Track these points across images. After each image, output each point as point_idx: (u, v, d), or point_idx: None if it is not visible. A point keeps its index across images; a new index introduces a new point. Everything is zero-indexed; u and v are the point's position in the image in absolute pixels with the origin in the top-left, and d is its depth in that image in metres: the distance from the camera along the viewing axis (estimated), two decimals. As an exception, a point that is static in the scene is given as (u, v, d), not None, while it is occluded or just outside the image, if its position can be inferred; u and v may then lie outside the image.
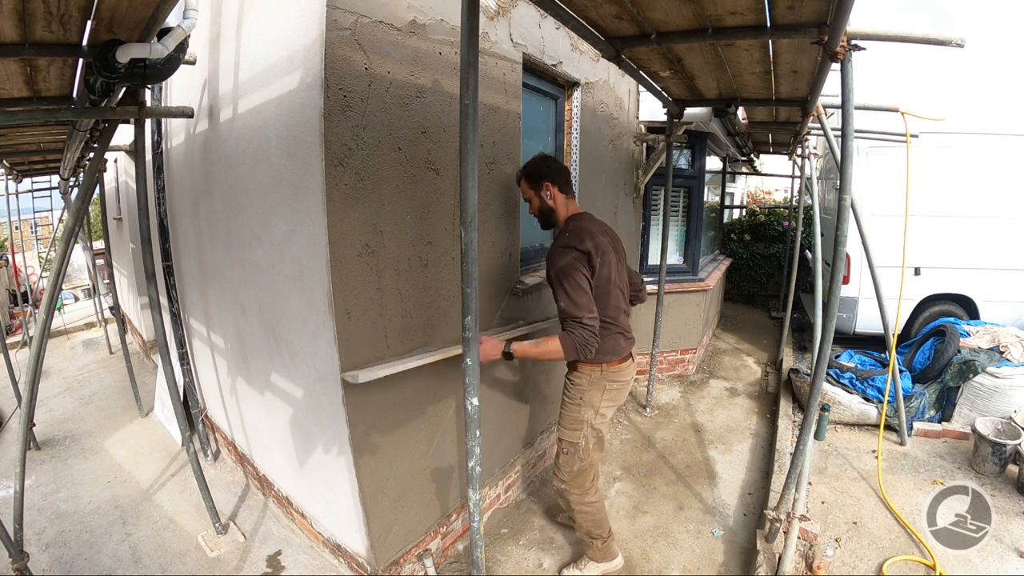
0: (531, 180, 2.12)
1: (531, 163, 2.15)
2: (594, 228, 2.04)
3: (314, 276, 1.82)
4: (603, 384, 2.05)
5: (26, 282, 7.73)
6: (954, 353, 3.53)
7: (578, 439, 2.09)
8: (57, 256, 2.16)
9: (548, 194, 2.10)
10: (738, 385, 4.60)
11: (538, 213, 2.16)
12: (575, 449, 2.11)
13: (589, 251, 1.92)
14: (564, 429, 2.13)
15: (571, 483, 2.16)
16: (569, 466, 2.13)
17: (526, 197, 2.18)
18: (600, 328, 1.91)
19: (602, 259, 1.96)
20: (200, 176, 2.74)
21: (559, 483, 2.20)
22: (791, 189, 7.82)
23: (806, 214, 6.56)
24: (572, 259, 1.90)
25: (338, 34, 1.59)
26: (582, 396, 2.06)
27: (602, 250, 1.97)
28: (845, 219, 1.93)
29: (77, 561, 2.42)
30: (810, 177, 5.10)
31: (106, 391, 4.65)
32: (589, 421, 2.07)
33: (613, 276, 2.03)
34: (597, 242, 1.97)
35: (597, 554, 2.27)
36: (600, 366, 2.04)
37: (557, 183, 2.10)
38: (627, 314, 2.17)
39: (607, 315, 2.00)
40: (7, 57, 1.47)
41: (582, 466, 2.13)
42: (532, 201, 2.15)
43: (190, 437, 2.53)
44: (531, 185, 2.12)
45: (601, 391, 2.06)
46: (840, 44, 1.55)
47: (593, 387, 2.05)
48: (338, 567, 2.32)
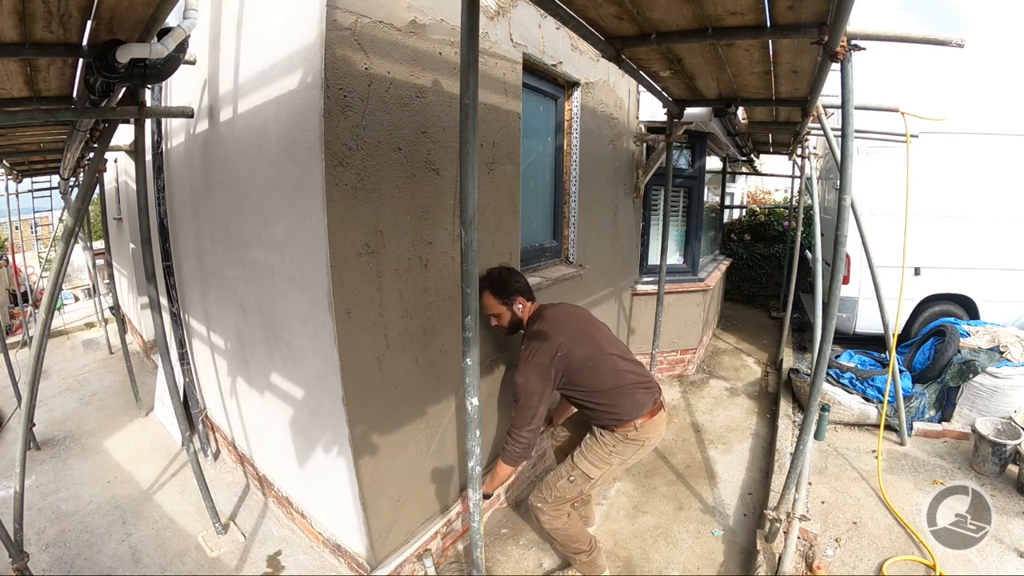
0: (502, 295, 2.13)
1: (497, 278, 2.15)
2: (556, 319, 2.09)
3: (314, 276, 1.82)
4: (640, 441, 2.00)
5: (26, 282, 7.73)
6: (954, 353, 3.53)
7: (596, 475, 2.02)
8: (57, 256, 2.16)
9: (519, 308, 2.15)
10: (738, 385, 4.60)
11: (507, 325, 2.19)
12: (583, 481, 2.02)
13: (556, 350, 1.99)
14: (584, 460, 2.03)
15: (550, 506, 2.07)
16: (564, 492, 2.04)
17: (492, 311, 2.16)
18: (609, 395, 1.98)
19: (572, 346, 2.01)
20: (200, 176, 2.74)
21: (538, 501, 2.09)
22: (791, 189, 7.81)
23: (806, 214, 6.56)
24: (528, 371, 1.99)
25: (338, 34, 1.59)
26: (614, 446, 2.00)
27: (571, 338, 2.04)
28: (845, 219, 1.93)
29: (77, 561, 2.42)
30: (810, 177, 5.10)
31: (106, 391, 4.64)
32: (614, 465, 2.03)
33: (596, 349, 2.05)
34: (565, 336, 2.04)
35: (583, 567, 2.19)
36: (632, 424, 1.97)
37: (525, 294, 2.17)
38: (636, 364, 2.13)
39: (606, 385, 2.00)
40: (7, 57, 1.47)
41: (572, 498, 2.07)
42: (502, 315, 2.16)
43: (190, 437, 2.53)
44: (502, 301, 2.13)
45: (637, 447, 2.01)
46: (840, 44, 1.55)
47: (628, 445, 2.00)
48: (338, 567, 2.32)
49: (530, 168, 2.89)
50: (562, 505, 2.08)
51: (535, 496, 2.12)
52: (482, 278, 2.13)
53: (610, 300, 4.00)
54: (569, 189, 3.27)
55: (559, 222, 3.28)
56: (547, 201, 3.20)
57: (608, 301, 3.94)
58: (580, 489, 2.04)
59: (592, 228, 3.52)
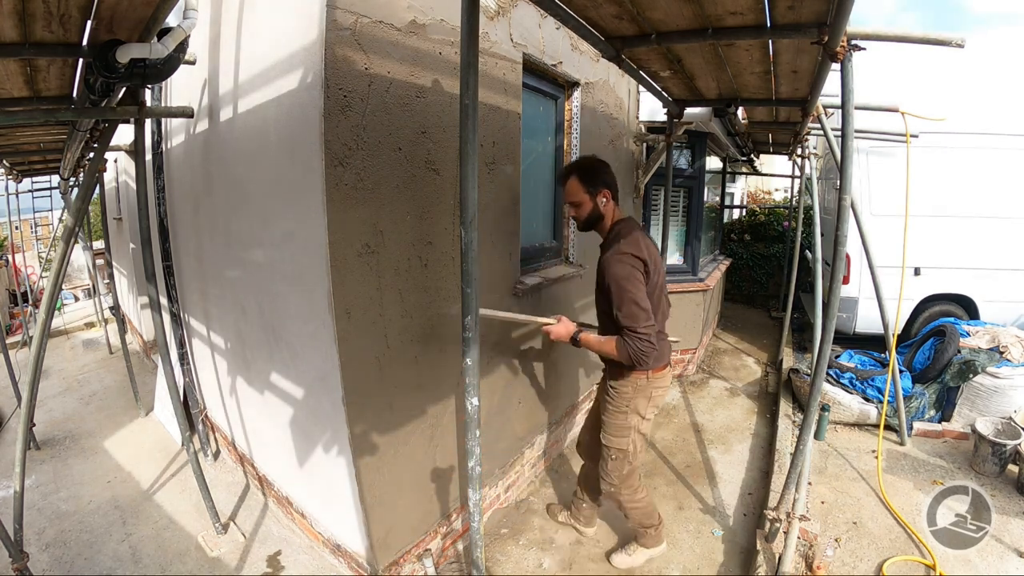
0: (589, 183, 2.00)
1: (588, 165, 2.03)
2: (643, 239, 1.98)
3: (314, 276, 1.82)
4: (648, 391, 2.05)
5: (26, 282, 7.73)
6: (954, 353, 3.53)
7: (626, 445, 2.09)
8: (57, 256, 2.16)
9: (603, 201, 2.01)
10: (738, 385, 4.60)
11: (584, 217, 2.05)
12: (623, 455, 2.11)
13: (645, 259, 1.89)
14: (611, 437, 2.11)
15: (622, 486, 2.18)
16: (618, 471, 2.14)
17: (575, 200, 2.03)
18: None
19: (655, 266, 1.94)
20: (200, 176, 2.74)
21: (609, 487, 2.20)
22: (791, 189, 7.82)
23: (806, 214, 6.55)
24: (631, 267, 1.86)
25: (338, 34, 1.59)
26: (628, 404, 2.06)
27: (654, 258, 1.95)
28: (845, 219, 1.93)
29: (77, 561, 2.43)
30: (810, 177, 5.10)
31: (106, 391, 4.65)
32: (636, 427, 2.08)
33: (662, 283, 2.02)
34: (651, 250, 1.96)
35: (649, 541, 2.34)
36: (646, 373, 2.01)
37: (613, 191, 2.03)
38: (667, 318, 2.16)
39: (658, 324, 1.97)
40: (7, 57, 1.47)
41: (631, 469, 2.16)
42: (582, 204, 2.02)
43: (190, 437, 2.54)
44: (587, 188, 2.00)
45: (647, 398, 2.06)
46: (840, 44, 1.55)
47: (639, 395, 2.04)
48: (338, 567, 2.32)
49: (530, 168, 2.89)
50: (629, 479, 2.18)
51: (604, 485, 2.22)
52: (571, 163, 2.12)
53: (610, 300, 3.99)
54: (569, 189, 3.27)
55: (559, 222, 3.28)
56: (547, 201, 3.20)
57: (608, 301, 3.93)
58: (628, 462, 2.13)
59: (592, 228, 3.52)
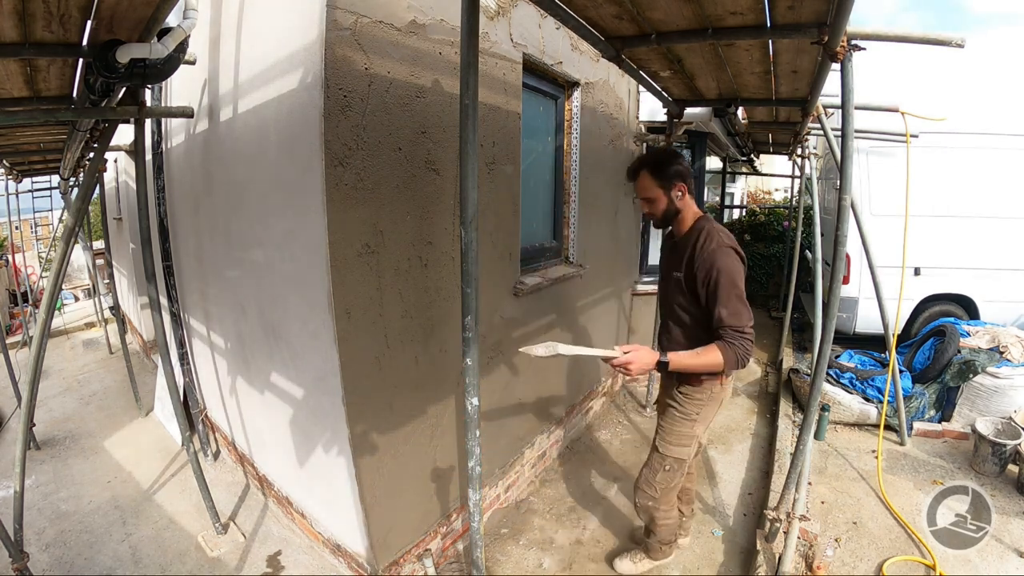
0: (662, 177, 1.84)
1: (661, 158, 1.88)
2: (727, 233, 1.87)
3: (314, 276, 1.82)
4: (720, 399, 1.95)
5: (26, 282, 7.73)
6: (954, 353, 3.53)
7: (687, 455, 1.99)
8: (57, 256, 2.16)
9: (679, 195, 1.87)
10: (738, 385, 4.60)
11: (660, 214, 1.91)
12: (680, 466, 2.00)
13: (743, 256, 1.81)
14: (671, 445, 1.98)
15: (662, 499, 2.05)
16: (667, 482, 2.02)
17: (648, 195, 1.88)
18: None
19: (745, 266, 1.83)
20: (200, 176, 2.74)
21: (647, 500, 2.07)
22: (791, 189, 7.82)
23: (806, 214, 6.55)
24: (735, 262, 1.75)
25: (338, 34, 1.59)
26: (699, 412, 1.93)
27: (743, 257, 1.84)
28: (845, 219, 1.93)
29: (77, 561, 2.43)
30: (810, 177, 5.09)
31: (106, 391, 4.65)
32: (698, 436, 2.00)
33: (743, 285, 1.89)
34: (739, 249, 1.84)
35: (659, 555, 2.29)
36: (721, 379, 1.90)
37: (689, 185, 1.88)
38: None
39: None
40: (7, 57, 1.47)
41: (679, 482, 2.05)
42: (657, 200, 1.88)
43: (190, 437, 2.54)
44: (661, 183, 1.85)
45: (717, 405, 1.96)
46: (840, 44, 1.55)
47: (712, 402, 1.93)
48: (338, 567, 2.32)
49: (530, 168, 2.89)
50: (670, 494, 2.08)
51: (641, 497, 2.09)
52: (641, 157, 1.99)
53: (610, 300, 3.99)
54: (569, 189, 3.27)
55: (559, 222, 3.28)
56: (547, 201, 3.20)
57: (608, 301, 3.94)
58: (681, 474, 2.02)
59: (592, 228, 3.52)
